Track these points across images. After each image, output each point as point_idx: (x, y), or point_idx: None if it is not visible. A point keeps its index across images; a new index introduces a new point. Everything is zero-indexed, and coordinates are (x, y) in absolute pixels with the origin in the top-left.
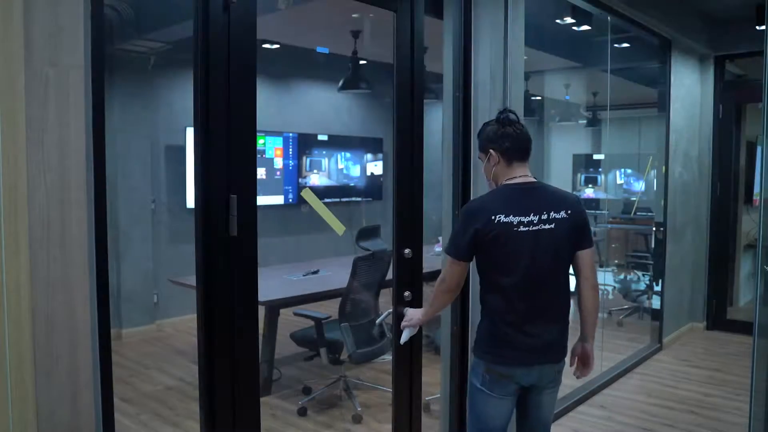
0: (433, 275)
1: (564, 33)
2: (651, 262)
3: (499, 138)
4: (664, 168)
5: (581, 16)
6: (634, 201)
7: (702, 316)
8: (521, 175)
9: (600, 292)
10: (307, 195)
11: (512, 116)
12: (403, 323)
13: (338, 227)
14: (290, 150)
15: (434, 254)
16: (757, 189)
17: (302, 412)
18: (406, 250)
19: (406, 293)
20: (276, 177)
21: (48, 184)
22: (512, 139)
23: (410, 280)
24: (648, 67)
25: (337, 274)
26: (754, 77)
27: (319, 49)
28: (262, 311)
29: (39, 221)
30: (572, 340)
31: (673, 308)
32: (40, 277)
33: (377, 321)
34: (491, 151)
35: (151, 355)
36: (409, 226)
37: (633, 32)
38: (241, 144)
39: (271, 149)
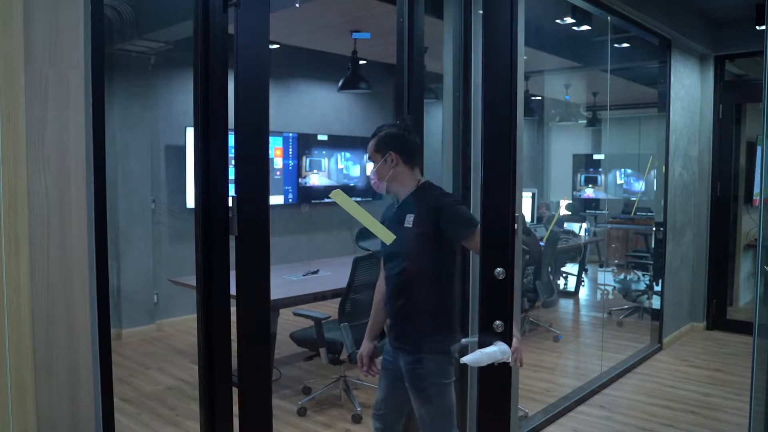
0: None
1: (564, 33)
2: (651, 262)
3: (403, 142)
4: (664, 168)
5: (581, 16)
6: (634, 201)
7: (702, 316)
8: (423, 178)
9: (599, 291)
10: (338, 197)
11: (411, 125)
12: (514, 357)
13: (385, 235)
14: (290, 150)
15: None
16: (757, 189)
17: (302, 412)
18: (498, 269)
19: (497, 322)
20: (276, 177)
21: (48, 184)
22: (415, 145)
23: (502, 306)
24: (648, 67)
25: (336, 274)
26: (754, 77)
27: (356, 35)
28: None
29: (39, 221)
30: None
31: (673, 308)
32: (40, 277)
33: (463, 341)
34: (392, 153)
35: (151, 355)
36: (502, 241)
37: (633, 32)
38: (249, 144)
39: (271, 149)
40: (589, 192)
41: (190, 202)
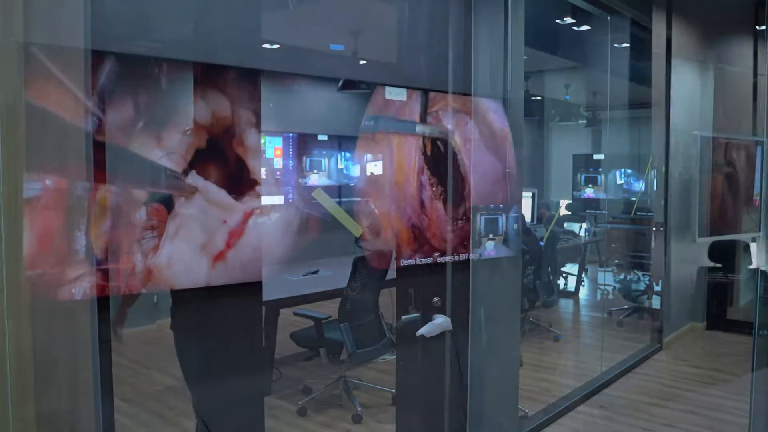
0: None
1: (564, 33)
2: (651, 262)
3: None
4: (664, 168)
5: (581, 16)
6: (634, 201)
7: (702, 316)
8: None
9: (599, 291)
10: (319, 195)
11: None
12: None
13: (354, 228)
14: (290, 150)
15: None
16: (757, 189)
17: (302, 412)
18: (436, 253)
19: (435, 299)
20: (276, 177)
21: (48, 184)
22: None
23: (439, 285)
24: (648, 67)
25: (336, 274)
26: (753, 77)
27: (333, 47)
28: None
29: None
30: None
31: (673, 308)
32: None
33: (404, 318)
34: None
35: (151, 355)
36: (440, 231)
37: (633, 32)
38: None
39: (271, 149)
40: (589, 192)
41: None
